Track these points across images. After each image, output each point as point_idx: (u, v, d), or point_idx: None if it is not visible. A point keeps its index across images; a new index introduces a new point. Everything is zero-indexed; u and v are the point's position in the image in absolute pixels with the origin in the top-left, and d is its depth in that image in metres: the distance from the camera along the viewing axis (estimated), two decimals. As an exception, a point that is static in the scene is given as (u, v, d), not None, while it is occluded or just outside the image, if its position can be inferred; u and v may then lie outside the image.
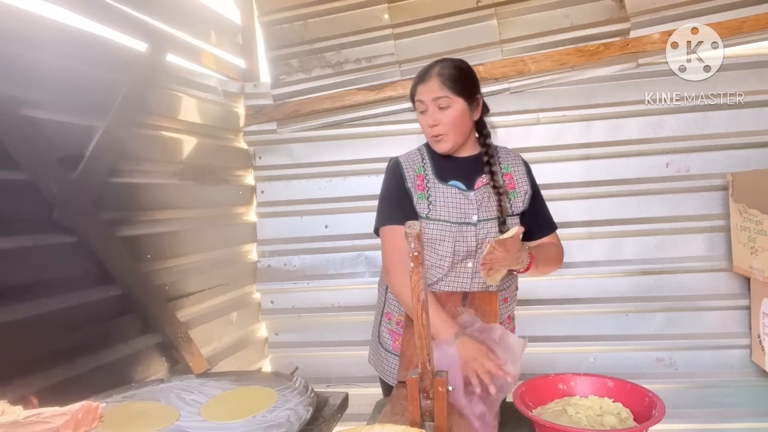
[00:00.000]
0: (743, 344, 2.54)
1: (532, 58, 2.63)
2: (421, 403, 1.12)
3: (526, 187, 1.70)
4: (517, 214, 1.67)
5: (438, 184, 1.64)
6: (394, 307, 1.77)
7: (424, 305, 1.07)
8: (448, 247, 1.61)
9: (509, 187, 1.68)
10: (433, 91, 1.57)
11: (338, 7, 2.75)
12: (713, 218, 2.56)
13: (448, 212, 1.62)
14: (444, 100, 1.57)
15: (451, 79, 1.58)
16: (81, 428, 1.09)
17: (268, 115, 2.81)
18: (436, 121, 1.58)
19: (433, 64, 1.62)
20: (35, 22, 1.62)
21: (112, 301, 1.82)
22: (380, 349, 1.81)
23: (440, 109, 1.58)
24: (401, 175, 1.66)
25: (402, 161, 1.70)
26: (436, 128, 1.59)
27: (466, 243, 1.61)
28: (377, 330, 1.84)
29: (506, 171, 1.71)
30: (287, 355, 2.88)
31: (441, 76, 1.58)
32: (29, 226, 1.54)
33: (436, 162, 1.68)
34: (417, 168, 1.67)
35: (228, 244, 2.66)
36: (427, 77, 1.60)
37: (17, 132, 1.47)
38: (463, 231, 1.60)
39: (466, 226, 1.61)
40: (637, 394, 1.28)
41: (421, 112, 1.62)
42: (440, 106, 1.58)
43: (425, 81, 1.59)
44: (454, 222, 1.61)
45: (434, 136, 1.61)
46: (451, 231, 1.60)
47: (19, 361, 1.45)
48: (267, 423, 1.19)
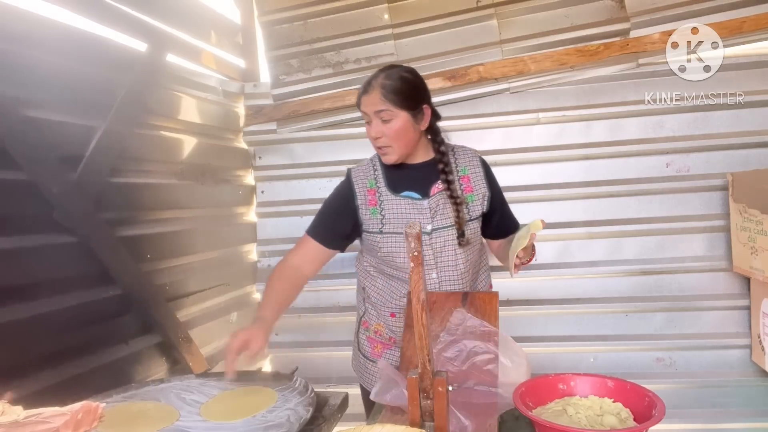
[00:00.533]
0: (743, 344, 2.54)
1: (532, 58, 2.63)
2: (421, 403, 1.12)
3: (484, 190, 1.67)
4: (475, 218, 1.65)
5: (390, 196, 1.63)
6: (372, 316, 1.77)
7: (424, 305, 1.07)
8: (404, 258, 1.60)
9: (467, 191, 1.65)
10: (374, 103, 1.53)
11: (338, 7, 2.75)
12: (713, 218, 2.56)
13: (400, 224, 1.60)
14: (386, 113, 1.53)
15: (394, 91, 1.53)
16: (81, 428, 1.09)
17: (268, 115, 2.81)
18: (380, 133, 1.55)
19: (377, 74, 1.57)
20: (35, 22, 1.62)
21: (112, 301, 1.82)
22: (359, 355, 1.81)
23: (383, 122, 1.54)
24: (350, 193, 1.66)
25: (353, 176, 1.68)
26: (380, 140, 1.56)
27: (423, 254, 1.60)
28: (356, 337, 1.85)
29: (463, 173, 1.68)
30: (287, 355, 2.88)
31: (383, 88, 1.53)
32: (29, 226, 1.54)
33: (388, 172, 1.66)
34: (368, 182, 1.66)
35: (228, 244, 2.66)
36: (369, 88, 1.55)
37: (17, 132, 1.47)
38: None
39: (422, 235, 1.58)
40: (637, 394, 1.28)
41: (366, 123, 1.60)
42: (383, 119, 1.54)
43: (368, 92, 1.55)
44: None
45: (379, 147, 1.59)
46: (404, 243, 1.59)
47: (19, 361, 1.45)
48: (267, 423, 1.19)
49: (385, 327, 1.75)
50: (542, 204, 2.67)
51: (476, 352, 1.39)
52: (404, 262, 1.61)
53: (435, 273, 1.63)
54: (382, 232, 1.61)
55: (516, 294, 2.68)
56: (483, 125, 2.71)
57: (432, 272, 1.63)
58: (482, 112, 2.69)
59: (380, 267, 1.71)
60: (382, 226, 1.61)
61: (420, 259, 1.04)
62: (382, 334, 1.76)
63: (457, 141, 2.80)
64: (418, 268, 1.05)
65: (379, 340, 1.77)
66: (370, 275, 1.77)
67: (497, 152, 2.68)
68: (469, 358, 1.38)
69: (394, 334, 1.73)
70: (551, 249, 2.68)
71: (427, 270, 1.61)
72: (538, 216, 1.51)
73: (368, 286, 1.78)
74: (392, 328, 1.73)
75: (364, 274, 1.80)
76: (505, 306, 2.64)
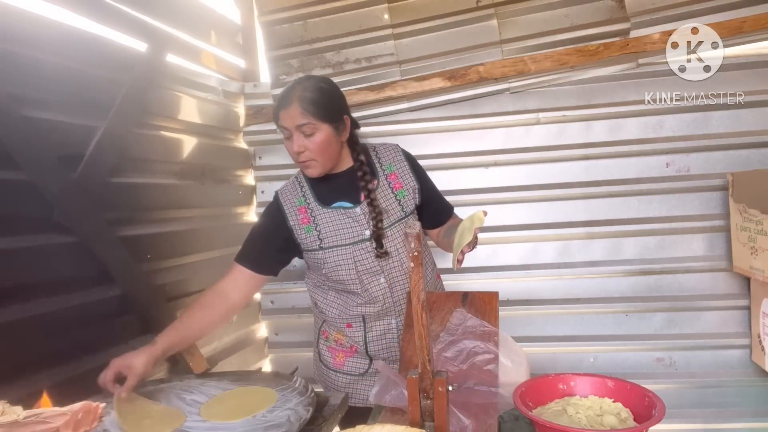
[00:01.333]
0: (743, 344, 2.54)
1: (532, 58, 2.63)
2: (421, 403, 1.12)
3: (413, 183, 1.66)
4: (410, 213, 1.64)
5: (322, 210, 1.60)
6: (330, 326, 1.77)
7: (424, 305, 1.07)
8: (350, 269, 1.58)
9: (396, 187, 1.64)
10: (294, 117, 1.48)
11: (338, 7, 2.75)
12: (713, 218, 2.56)
13: (338, 236, 1.58)
14: (308, 126, 1.49)
15: (314, 103, 1.48)
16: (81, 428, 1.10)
17: (268, 115, 2.80)
18: (302, 147, 1.51)
19: (293, 86, 1.52)
20: (35, 22, 1.62)
21: (112, 301, 1.82)
22: (322, 366, 1.81)
23: (306, 136, 1.50)
24: (280, 216, 1.62)
25: (281, 198, 1.65)
26: (303, 155, 1.52)
27: (367, 260, 1.59)
28: (316, 347, 1.84)
29: (390, 171, 1.66)
30: (287, 355, 2.88)
31: (302, 100, 1.48)
32: (29, 226, 1.54)
33: (315, 186, 1.63)
34: (297, 200, 1.63)
35: (228, 244, 2.65)
36: (287, 102, 1.49)
37: (17, 132, 1.47)
38: (359, 249, 1.58)
39: (361, 243, 1.58)
40: (637, 394, 1.28)
41: (286, 138, 1.55)
42: (305, 133, 1.50)
43: (286, 106, 1.49)
44: (348, 243, 1.58)
45: (302, 162, 1.55)
46: (347, 253, 1.58)
47: (19, 361, 1.45)
48: (267, 423, 1.19)
49: (343, 336, 1.74)
50: (542, 204, 2.67)
51: (476, 352, 1.39)
52: (348, 274, 1.59)
53: (383, 278, 1.62)
54: (321, 248, 1.59)
55: (516, 294, 2.68)
56: (483, 125, 2.71)
57: (380, 278, 1.62)
58: (482, 112, 2.69)
59: (328, 282, 1.70)
60: (320, 242, 1.59)
61: (420, 259, 1.04)
62: (343, 342, 1.75)
63: (457, 141, 2.81)
64: (418, 268, 1.05)
65: (340, 349, 1.76)
66: (321, 290, 1.76)
67: (497, 152, 2.68)
68: (469, 358, 1.38)
69: (355, 342, 1.72)
70: (551, 249, 2.68)
71: (374, 276, 1.61)
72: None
73: (320, 301, 1.76)
74: (351, 336, 1.72)
75: (314, 290, 1.78)
76: (505, 306, 2.64)
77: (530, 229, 2.66)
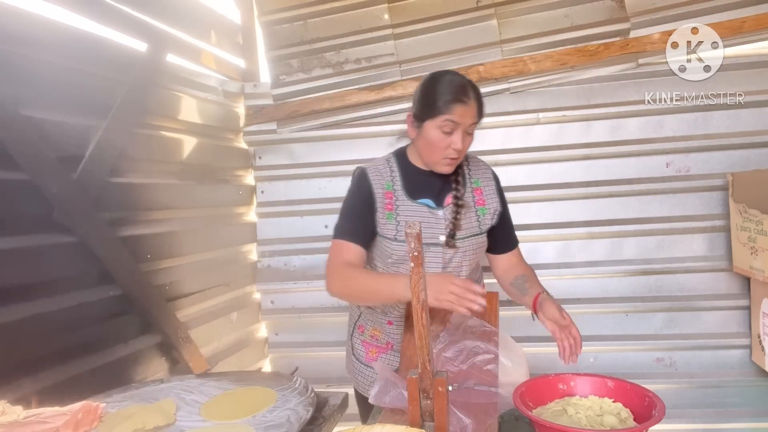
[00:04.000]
0: (743, 344, 2.54)
1: (532, 58, 2.63)
2: (421, 403, 1.12)
3: (496, 205, 1.66)
4: (484, 232, 1.64)
5: (407, 202, 1.58)
6: (368, 321, 1.76)
7: (424, 305, 1.07)
8: None
9: (478, 203, 1.64)
10: (472, 116, 1.49)
11: (338, 7, 2.75)
12: (713, 218, 2.56)
13: None
14: (473, 126, 1.51)
15: (482, 104, 1.53)
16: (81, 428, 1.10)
17: (268, 115, 2.81)
18: (464, 147, 1.51)
19: (465, 84, 1.51)
20: (35, 22, 1.62)
21: (112, 301, 1.82)
22: (354, 360, 1.80)
23: (466, 135, 1.51)
24: (369, 192, 1.58)
25: (370, 175, 1.61)
26: (457, 152, 1.51)
27: (435, 263, 1.58)
28: (350, 340, 1.83)
29: (476, 185, 1.66)
30: (287, 355, 2.88)
31: (478, 101, 1.50)
32: (29, 226, 1.54)
33: (406, 176, 1.61)
34: (386, 184, 1.60)
35: (228, 244, 2.66)
36: (467, 99, 1.48)
37: (17, 132, 1.47)
38: (433, 251, 1.57)
39: (434, 247, 1.57)
40: (637, 394, 1.28)
41: (446, 132, 1.49)
42: (468, 132, 1.51)
43: (466, 103, 1.48)
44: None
45: (452, 159, 1.53)
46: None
47: (19, 361, 1.45)
48: (267, 423, 1.19)
49: (381, 332, 1.74)
50: (542, 204, 2.67)
51: (476, 352, 1.40)
52: None
53: None
54: (396, 239, 1.57)
55: (516, 294, 2.68)
56: (483, 125, 2.65)
57: None
58: (482, 112, 2.69)
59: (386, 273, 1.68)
60: (396, 233, 1.57)
61: (420, 259, 1.04)
62: (379, 338, 1.75)
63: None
64: (418, 268, 1.05)
65: (374, 344, 1.76)
66: None
67: (497, 152, 2.68)
68: (469, 358, 1.38)
69: (391, 340, 1.72)
70: (551, 249, 2.68)
71: None
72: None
73: None
74: (389, 333, 1.72)
75: None
76: (505, 306, 2.63)
77: (530, 229, 2.65)
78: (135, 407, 1.28)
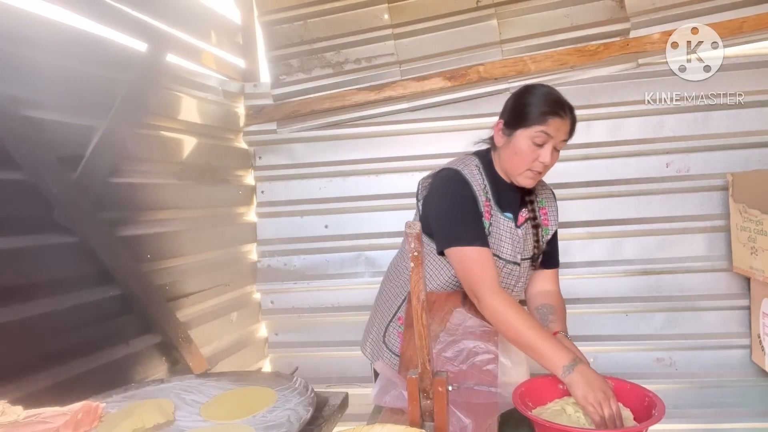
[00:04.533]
0: (743, 344, 2.54)
1: (532, 58, 2.63)
2: (421, 403, 1.12)
3: (555, 227, 1.68)
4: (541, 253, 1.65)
5: (499, 215, 1.55)
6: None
7: (424, 305, 1.07)
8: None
9: (544, 223, 1.64)
10: (565, 132, 1.48)
11: (338, 7, 2.75)
12: (713, 218, 2.56)
13: (503, 248, 1.54)
14: (563, 144, 1.49)
15: (574, 125, 1.50)
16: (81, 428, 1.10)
17: (268, 115, 2.81)
18: (552, 162, 1.50)
19: (564, 102, 1.49)
20: (35, 22, 1.62)
21: (112, 301, 1.82)
22: (384, 348, 1.80)
23: (555, 151, 1.49)
24: (473, 196, 1.51)
25: (469, 180, 1.53)
26: (543, 167, 1.49)
27: (507, 281, 1.57)
28: (383, 330, 1.79)
29: (542, 205, 1.67)
30: (287, 355, 2.88)
31: (573, 120, 1.48)
32: (29, 226, 1.54)
33: (494, 185, 1.57)
34: (483, 192, 1.54)
35: (228, 244, 2.66)
36: (565, 114, 1.47)
37: (17, 132, 1.47)
38: (509, 269, 1.57)
39: (513, 265, 1.57)
40: (637, 394, 1.28)
41: (537, 144, 1.47)
42: (557, 149, 1.50)
43: (564, 117, 1.46)
44: (503, 259, 1.55)
45: (537, 172, 1.51)
46: (499, 267, 1.54)
47: (19, 361, 1.45)
48: (267, 423, 1.19)
49: None
50: (542, 204, 2.67)
51: (476, 352, 1.40)
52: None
53: None
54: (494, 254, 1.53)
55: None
56: (483, 125, 2.67)
57: None
58: (482, 112, 2.68)
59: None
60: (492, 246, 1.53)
61: (420, 259, 1.04)
62: None
63: (457, 141, 2.81)
64: (418, 268, 1.05)
65: None
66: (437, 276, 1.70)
67: (497, 152, 2.67)
68: (469, 358, 1.39)
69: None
70: (551, 249, 2.68)
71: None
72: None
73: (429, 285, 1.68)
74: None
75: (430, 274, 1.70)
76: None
77: (530, 229, 2.65)
78: (133, 404, 1.28)
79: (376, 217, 2.76)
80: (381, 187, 2.76)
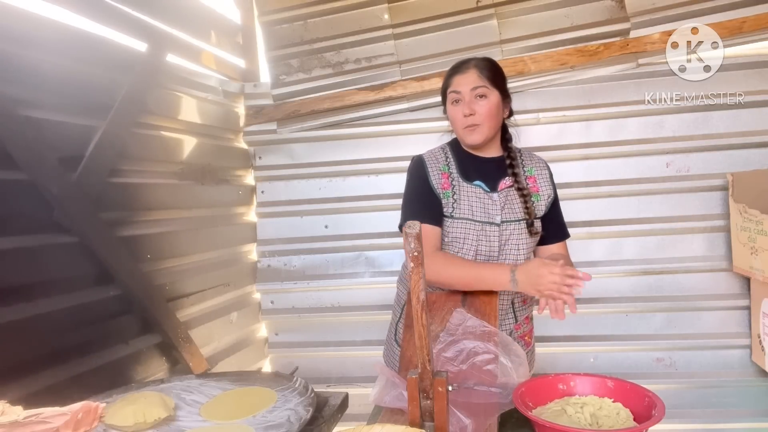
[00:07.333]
0: (743, 344, 2.54)
1: (532, 58, 2.63)
2: (421, 403, 1.12)
3: (549, 191, 1.72)
4: (538, 218, 1.68)
5: (463, 183, 1.64)
6: None
7: (424, 305, 1.07)
8: (471, 246, 1.61)
9: (533, 190, 1.69)
10: (471, 81, 1.60)
11: (338, 7, 2.75)
12: (713, 218, 2.56)
13: (472, 211, 1.62)
14: (482, 89, 1.59)
15: (489, 70, 1.62)
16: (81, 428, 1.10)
17: (268, 115, 2.81)
18: (473, 110, 1.59)
19: (468, 59, 1.66)
20: (35, 22, 1.62)
21: (112, 301, 1.82)
22: (395, 345, 1.81)
23: (478, 98, 1.59)
24: (425, 174, 1.65)
25: (426, 159, 1.69)
26: (472, 118, 1.60)
27: (489, 243, 1.61)
28: (394, 326, 1.83)
29: (530, 174, 1.73)
30: (287, 355, 2.88)
31: (478, 67, 1.61)
32: (29, 226, 1.54)
33: (460, 161, 1.68)
34: (441, 166, 1.67)
35: (228, 244, 2.66)
36: (464, 68, 1.62)
37: (17, 132, 1.47)
38: (486, 231, 1.61)
39: (490, 225, 1.61)
40: (637, 394, 1.28)
41: (454, 102, 1.63)
42: (478, 95, 1.59)
43: (463, 72, 1.62)
44: (478, 221, 1.61)
45: (469, 126, 1.61)
46: (474, 230, 1.60)
47: (19, 361, 1.45)
48: (267, 423, 1.19)
49: None
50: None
51: (476, 352, 1.39)
52: (468, 250, 1.61)
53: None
54: (452, 216, 1.61)
55: (516, 294, 2.68)
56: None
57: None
58: (482, 112, 2.68)
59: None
60: (452, 210, 1.62)
61: (420, 259, 1.04)
62: None
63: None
64: (418, 268, 1.05)
65: None
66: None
67: (497, 152, 2.68)
68: (469, 358, 1.38)
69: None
70: (551, 249, 2.68)
71: (486, 260, 1.63)
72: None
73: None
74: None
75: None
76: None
77: (530, 229, 2.65)
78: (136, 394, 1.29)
79: (376, 217, 2.76)
80: (381, 187, 2.76)
